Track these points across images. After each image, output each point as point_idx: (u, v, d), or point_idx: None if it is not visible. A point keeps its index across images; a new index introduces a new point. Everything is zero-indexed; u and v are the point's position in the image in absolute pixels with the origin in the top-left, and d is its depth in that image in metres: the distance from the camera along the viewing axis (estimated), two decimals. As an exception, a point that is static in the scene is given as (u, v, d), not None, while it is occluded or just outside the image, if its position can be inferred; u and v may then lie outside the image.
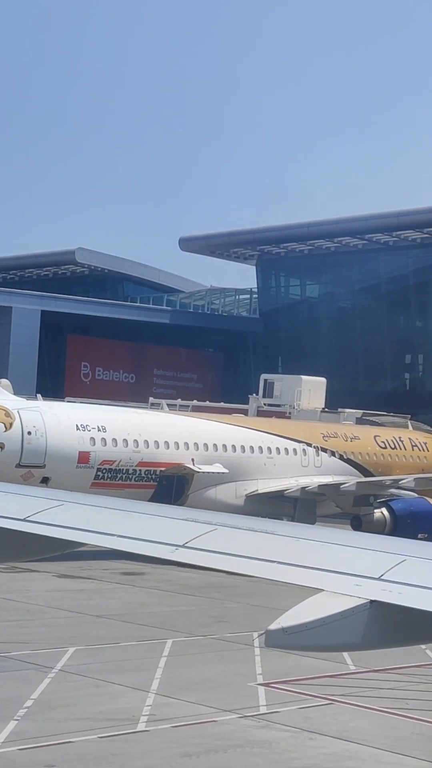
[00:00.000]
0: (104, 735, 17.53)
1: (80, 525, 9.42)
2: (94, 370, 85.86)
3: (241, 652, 25.17)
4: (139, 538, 9.12)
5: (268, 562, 8.48)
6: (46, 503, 9.93)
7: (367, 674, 23.10)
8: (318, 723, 19.01)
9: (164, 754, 16.71)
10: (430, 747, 17.94)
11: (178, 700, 20.11)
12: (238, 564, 8.59)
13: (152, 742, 17.32)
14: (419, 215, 77.76)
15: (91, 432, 42.34)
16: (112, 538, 9.17)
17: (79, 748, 16.83)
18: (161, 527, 9.50)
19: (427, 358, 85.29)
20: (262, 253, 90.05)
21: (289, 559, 8.50)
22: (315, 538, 9.17)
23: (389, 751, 17.60)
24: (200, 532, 8.97)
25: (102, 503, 10.33)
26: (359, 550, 8.91)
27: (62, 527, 9.40)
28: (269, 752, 17.17)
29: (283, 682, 22.02)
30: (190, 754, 16.76)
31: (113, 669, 22.44)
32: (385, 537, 10.67)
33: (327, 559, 8.47)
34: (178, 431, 45.42)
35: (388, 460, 52.09)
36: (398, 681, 22.75)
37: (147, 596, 33.51)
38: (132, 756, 16.56)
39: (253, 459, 47.00)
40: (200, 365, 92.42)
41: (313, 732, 18.41)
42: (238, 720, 18.95)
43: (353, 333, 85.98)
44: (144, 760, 16.41)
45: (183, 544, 8.81)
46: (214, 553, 8.66)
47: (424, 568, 8.33)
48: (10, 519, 9.58)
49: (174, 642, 25.78)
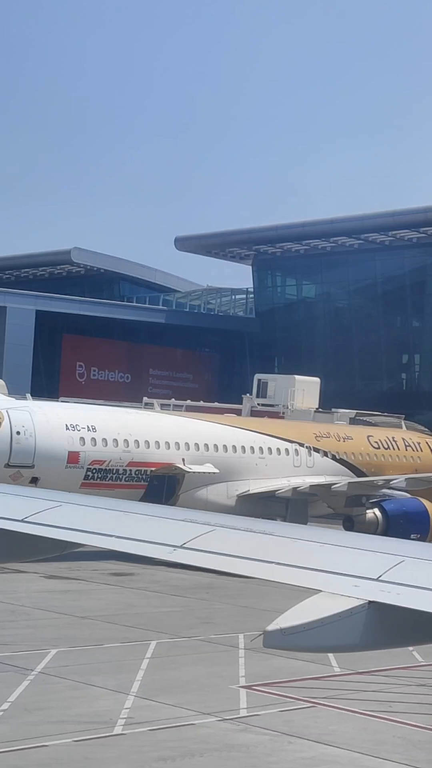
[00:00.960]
0: (80, 739, 17.26)
1: (78, 526, 9.46)
2: (90, 370, 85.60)
3: (226, 654, 24.91)
4: (137, 538, 9.15)
5: (266, 563, 8.50)
6: (44, 504, 9.95)
7: (352, 676, 22.84)
8: (298, 726, 18.75)
9: (139, 758, 16.44)
10: (410, 751, 17.68)
11: (157, 702, 19.84)
12: (237, 565, 8.61)
13: (128, 746, 17.05)
14: (415, 215, 77.52)
15: (80, 432, 42.04)
16: (111, 539, 9.19)
17: (52, 752, 16.56)
18: (159, 528, 9.53)
19: (423, 358, 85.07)
20: (258, 253, 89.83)
21: (287, 559, 8.53)
22: (313, 539, 9.18)
23: (369, 755, 17.34)
24: (198, 533, 8.99)
25: (100, 504, 10.36)
26: (357, 551, 8.90)
27: (60, 528, 9.43)
28: (246, 756, 16.91)
29: (265, 685, 21.76)
30: (166, 758, 16.49)
31: (94, 671, 22.17)
32: (383, 538, 10.63)
33: (325, 560, 8.49)
34: (168, 431, 45.13)
35: (381, 460, 51.80)
36: (383, 683, 22.49)
37: (135, 597, 33.25)
38: (105, 760, 16.29)
39: (244, 459, 46.72)
40: (196, 365, 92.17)
41: (292, 735, 18.14)
42: (217, 723, 18.68)
43: (349, 333, 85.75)
44: (117, 764, 16.14)
45: (181, 544, 8.82)
46: (212, 554, 8.68)
47: (423, 568, 8.31)
48: (8, 520, 9.60)
49: (158, 643, 25.52)
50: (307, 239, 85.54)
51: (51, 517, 9.58)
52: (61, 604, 30.76)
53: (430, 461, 54.11)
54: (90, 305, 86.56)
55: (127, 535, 9.21)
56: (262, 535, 9.20)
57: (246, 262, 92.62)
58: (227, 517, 10.10)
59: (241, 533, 9.24)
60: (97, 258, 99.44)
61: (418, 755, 17.44)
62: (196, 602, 32.71)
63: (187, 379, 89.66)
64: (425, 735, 18.65)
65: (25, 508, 9.77)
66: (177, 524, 9.52)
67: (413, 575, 8.06)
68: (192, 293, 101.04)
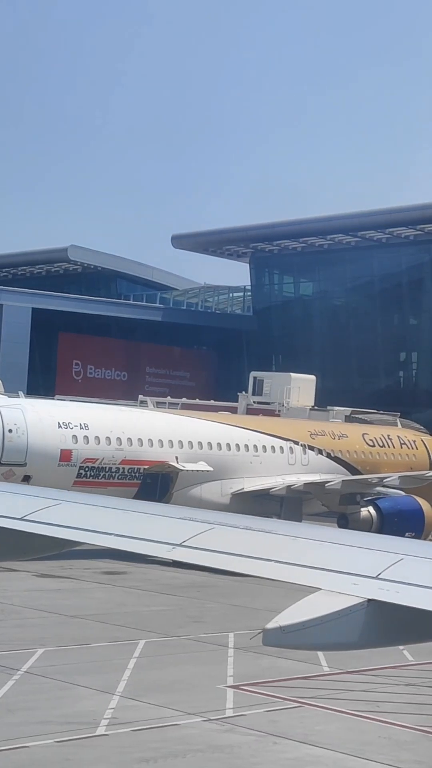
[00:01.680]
0: (62, 739, 17.08)
1: (77, 524, 9.48)
2: (86, 368, 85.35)
3: (215, 653, 24.74)
4: (136, 537, 9.18)
5: (265, 561, 8.52)
6: (44, 502, 9.97)
7: (341, 676, 22.67)
8: (284, 726, 18.57)
9: (120, 759, 16.26)
10: (396, 751, 17.50)
11: (142, 702, 19.67)
12: (236, 563, 8.61)
13: (109, 747, 16.87)
14: (412, 212, 77.28)
15: (73, 430, 41.88)
16: (110, 537, 9.21)
17: (33, 753, 16.38)
18: (158, 526, 9.54)
19: (421, 355, 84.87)
20: (255, 251, 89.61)
21: (286, 558, 8.54)
22: (312, 537, 9.20)
23: (354, 755, 17.16)
24: (197, 531, 9.00)
25: (99, 502, 10.39)
26: (357, 549, 8.90)
27: (60, 526, 9.45)
28: (229, 757, 16.72)
29: (253, 684, 21.58)
30: (147, 759, 16.31)
31: (80, 671, 21.99)
32: (382, 536, 10.66)
33: (324, 558, 8.51)
34: (162, 429, 44.97)
35: (376, 458, 51.66)
36: (372, 683, 22.32)
37: (126, 596, 33.08)
38: (86, 761, 16.11)
39: (238, 457, 46.56)
40: (193, 363, 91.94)
41: (277, 736, 17.96)
42: (202, 723, 18.50)
43: (347, 331, 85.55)
44: (98, 765, 15.96)
45: (180, 543, 8.83)
46: (211, 552, 8.70)
47: (422, 567, 8.31)
48: (7, 518, 9.62)
49: (147, 643, 25.34)
50: (304, 237, 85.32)
51: (50, 515, 9.62)
52: (51, 602, 30.59)
53: (425, 459, 54.00)
54: (86, 303, 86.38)
55: (126, 533, 9.25)
56: (262, 533, 9.24)
57: (243, 259, 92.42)
58: (226, 515, 10.15)
59: (240, 531, 9.27)
60: (94, 256, 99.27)
61: (404, 755, 17.26)
62: (187, 601, 32.55)
63: (184, 377, 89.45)
64: (412, 735, 18.48)
65: (23, 507, 9.80)
66: (176, 522, 9.55)
67: (413, 573, 8.07)
68: (189, 291, 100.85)
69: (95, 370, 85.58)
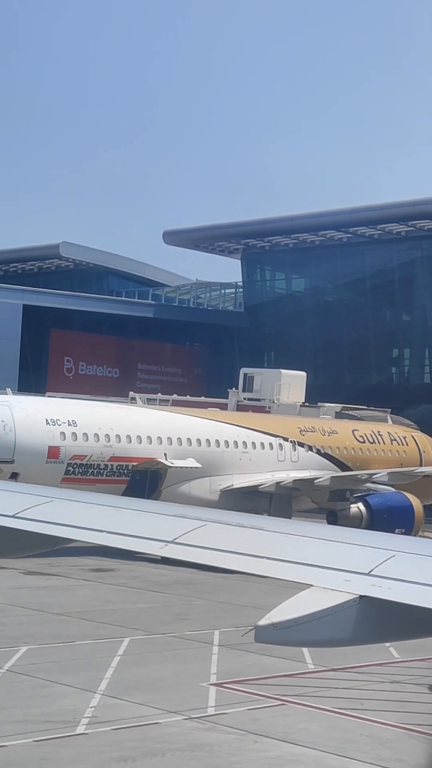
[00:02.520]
0: (40, 738, 16.95)
1: (70, 521, 9.52)
2: (78, 365, 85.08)
3: (199, 651, 24.63)
4: (128, 534, 9.21)
5: (257, 558, 8.55)
6: (36, 500, 10.01)
7: (326, 673, 22.56)
8: (265, 725, 18.45)
9: (98, 758, 16.13)
10: (378, 749, 17.38)
11: (124, 701, 19.55)
12: (228, 560, 8.63)
13: (88, 746, 16.74)
14: (403, 208, 77.11)
15: (61, 426, 41.73)
16: (102, 534, 9.23)
17: (11, 752, 16.24)
18: (151, 523, 9.56)
19: (413, 352, 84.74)
20: (247, 247, 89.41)
21: (278, 554, 8.57)
22: (304, 534, 9.23)
23: (335, 754, 17.04)
24: (190, 528, 9.04)
25: (91, 500, 10.44)
26: (349, 545, 8.92)
27: (52, 524, 9.48)
28: (209, 756, 16.60)
29: (236, 682, 21.46)
30: (126, 758, 16.19)
31: (63, 669, 21.87)
32: (374, 532, 10.66)
33: (317, 555, 8.53)
34: (150, 425, 44.84)
35: (366, 454, 51.56)
36: (356, 680, 22.22)
37: (112, 593, 32.96)
38: (64, 761, 15.98)
39: (228, 454, 46.44)
40: (185, 360, 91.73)
41: (258, 734, 17.85)
42: (183, 722, 18.38)
43: (338, 327, 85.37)
44: (76, 764, 15.83)
45: (173, 540, 8.87)
46: (203, 549, 8.74)
47: (414, 563, 8.34)
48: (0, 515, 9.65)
49: (131, 640, 25.23)
50: (295, 233, 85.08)
51: (42, 512, 9.64)
52: (37, 600, 30.47)
53: (415, 455, 53.91)
54: (78, 300, 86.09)
55: (119, 531, 9.27)
56: (254, 530, 9.27)
57: (235, 256, 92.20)
58: (218, 512, 10.21)
59: (233, 528, 9.29)
60: (86, 252, 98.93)
61: (385, 753, 17.15)
62: (174, 598, 32.45)
63: (175, 374, 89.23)
64: (394, 733, 18.37)
65: (16, 504, 9.83)
66: (168, 519, 9.59)
67: (405, 569, 8.08)
68: (181, 287, 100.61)
69: (87, 367, 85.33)
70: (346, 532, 10.28)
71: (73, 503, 10.32)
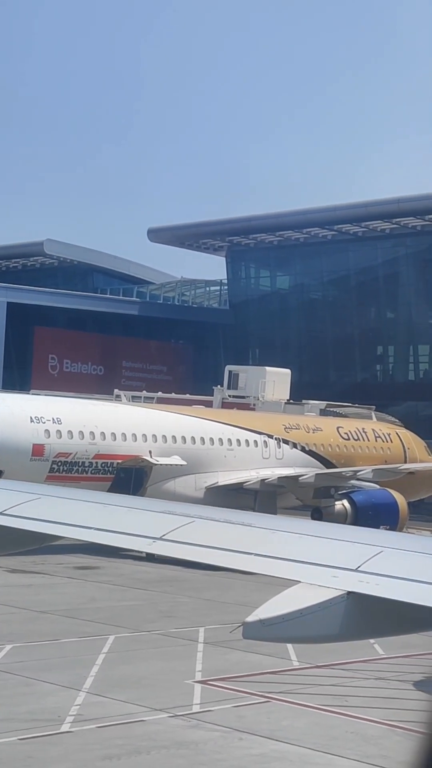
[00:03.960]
0: (25, 737, 16.93)
1: (57, 518, 9.51)
2: (62, 362, 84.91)
3: (184, 648, 24.63)
4: (116, 530, 9.20)
5: (245, 554, 8.55)
6: (24, 497, 9.99)
7: (310, 670, 22.59)
8: (250, 722, 18.47)
9: (84, 756, 16.12)
10: (362, 746, 17.42)
11: (109, 699, 19.54)
12: (215, 556, 8.64)
13: (73, 744, 16.73)
14: (388, 206, 77.16)
15: (45, 424, 41.65)
16: (90, 531, 9.23)
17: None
18: (138, 520, 9.57)
19: (397, 349, 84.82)
20: (232, 244, 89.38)
21: (266, 551, 8.59)
22: (292, 530, 9.21)
23: (320, 751, 17.07)
24: (177, 525, 9.05)
25: (79, 496, 10.45)
26: (336, 541, 8.92)
27: (40, 521, 9.46)
28: (194, 753, 16.60)
29: (221, 680, 21.47)
30: (111, 756, 16.18)
31: (48, 667, 21.84)
32: (362, 528, 10.68)
33: (304, 551, 8.53)
34: (135, 423, 44.79)
35: (350, 451, 51.61)
36: (341, 677, 22.26)
37: (97, 591, 32.93)
38: (49, 759, 15.97)
39: (212, 451, 46.42)
40: (170, 357, 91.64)
41: (243, 732, 17.86)
42: (168, 719, 18.38)
43: (323, 324, 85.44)
44: (61, 763, 15.81)
45: (160, 536, 8.86)
46: (191, 546, 8.74)
47: (401, 559, 8.35)
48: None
49: (116, 638, 25.23)
50: (280, 230, 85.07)
51: (30, 509, 9.62)
52: (21, 598, 30.41)
53: (400, 452, 54.00)
54: (62, 297, 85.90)
55: (106, 527, 9.25)
56: (241, 526, 9.27)
57: (220, 253, 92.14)
58: (206, 508, 10.17)
59: (220, 525, 9.29)
60: (70, 250, 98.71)
61: (370, 750, 17.19)
62: (159, 595, 32.43)
63: (161, 371, 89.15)
64: (379, 730, 18.40)
65: (3, 501, 9.79)
66: (156, 516, 9.58)
67: (392, 565, 8.08)
68: (166, 285, 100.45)
69: (71, 365, 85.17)
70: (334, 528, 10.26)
71: (60, 500, 10.28)
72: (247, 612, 7.80)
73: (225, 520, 9.39)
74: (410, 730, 18.35)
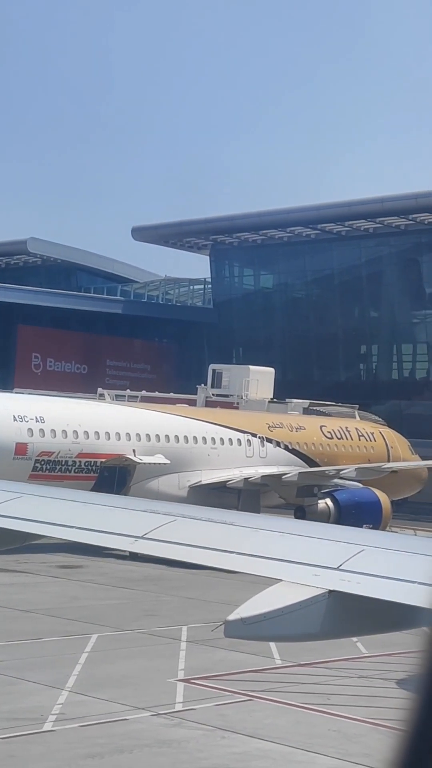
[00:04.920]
0: (7, 736, 16.90)
1: (39, 517, 9.48)
2: (46, 361, 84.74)
3: (167, 646, 24.63)
4: (98, 529, 9.18)
5: (227, 553, 8.56)
6: (5, 495, 9.96)
7: (293, 669, 22.61)
8: (233, 720, 18.47)
9: (66, 755, 16.11)
10: (345, 744, 17.44)
11: (91, 697, 19.53)
12: (198, 555, 8.66)
13: (56, 743, 16.71)
14: (370, 205, 77.31)
15: (28, 423, 41.56)
16: (72, 530, 9.22)
17: (-23, 750, 16.18)
18: (121, 519, 9.56)
19: (380, 348, 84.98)
20: (215, 243, 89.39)
21: (248, 549, 8.60)
22: (274, 529, 9.23)
23: (302, 749, 17.08)
24: (160, 523, 9.04)
25: (61, 495, 10.41)
26: (318, 540, 8.94)
27: (22, 519, 9.43)
28: (176, 752, 16.60)
29: (204, 678, 21.48)
30: (94, 755, 16.17)
31: (30, 666, 21.81)
32: (343, 527, 10.68)
33: (286, 550, 8.54)
34: (119, 422, 44.75)
35: (334, 450, 51.67)
36: (324, 675, 22.28)
37: (81, 590, 32.89)
38: (32, 758, 15.94)
39: (196, 450, 46.41)
40: (154, 356, 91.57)
41: (226, 730, 17.86)
42: (150, 718, 18.38)
43: (307, 323, 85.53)
44: (44, 762, 15.79)
45: (142, 535, 8.85)
46: (173, 544, 8.75)
47: (383, 557, 8.38)
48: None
49: (99, 637, 25.20)
50: (263, 229, 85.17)
51: (11, 508, 9.59)
52: (4, 597, 30.35)
53: (383, 451, 54.07)
54: (46, 296, 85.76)
55: (89, 526, 9.23)
56: (224, 525, 9.27)
57: (204, 252, 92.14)
58: (188, 507, 10.41)
59: (202, 523, 9.29)
60: (54, 248, 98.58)
61: (352, 749, 17.21)
62: (142, 594, 32.41)
63: (144, 370, 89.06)
64: (361, 728, 18.43)
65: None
66: (138, 515, 9.57)
67: (374, 564, 8.12)
68: (150, 284, 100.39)
69: (55, 363, 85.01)
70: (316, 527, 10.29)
71: (43, 499, 10.25)
72: (231, 611, 7.81)
73: (207, 518, 9.40)
74: (393, 729, 18.38)
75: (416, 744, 3.55)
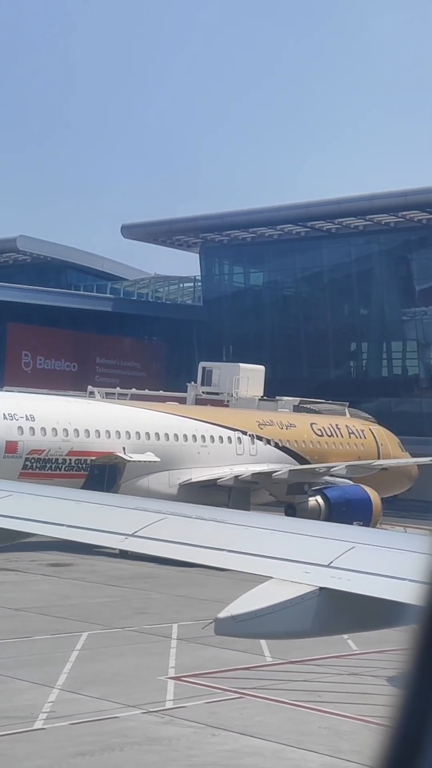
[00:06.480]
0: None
1: (30, 515, 9.46)
2: (36, 359, 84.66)
3: (158, 644, 24.63)
4: (89, 527, 9.19)
5: (217, 551, 8.56)
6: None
7: (284, 666, 22.63)
8: (223, 718, 18.48)
9: (56, 753, 16.09)
10: (335, 741, 17.46)
11: (82, 695, 19.52)
12: (188, 552, 8.67)
13: (46, 741, 16.70)
14: (360, 202, 77.32)
15: (18, 421, 41.53)
16: (62, 528, 9.22)
17: (-32, 748, 16.16)
18: (111, 517, 9.54)
19: (370, 345, 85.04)
20: (205, 241, 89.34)
21: (238, 547, 8.59)
22: (264, 526, 9.26)
23: (293, 746, 17.09)
24: (150, 521, 9.02)
25: (51, 493, 10.42)
26: (309, 537, 8.93)
27: (11, 518, 9.42)
28: (167, 750, 16.60)
29: (194, 676, 21.48)
30: (84, 752, 16.16)
31: (20, 664, 21.79)
32: (334, 524, 10.67)
33: (276, 547, 8.55)
34: (109, 420, 44.74)
35: (324, 447, 51.72)
36: (314, 672, 22.29)
37: (71, 588, 32.87)
38: (22, 756, 15.93)
39: (186, 447, 46.42)
40: (144, 354, 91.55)
41: (216, 728, 17.87)
42: (141, 716, 18.38)
43: (297, 321, 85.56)
44: (34, 760, 15.77)
45: (133, 533, 8.85)
46: (163, 542, 8.74)
47: (373, 555, 8.39)
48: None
49: (90, 635, 25.19)
50: (253, 227, 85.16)
51: (1, 506, 9.59)
52: (-6, 596, 30.33)
53: (373, 448, 54.14)
54: (36, 293, 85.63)
55: (79, 524, 9.26)
56: (214, 522, 9.27)
57: (193, 249, 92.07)
58: (178, 505, 10.31)
59: (193, 521, 9.30)
60: (44, 246, 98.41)
61: (343, 745, 17.22)
62: (132, 592, 32.40)
63: (134, 368, 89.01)
64: (352, 725, 18.45)
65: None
66: (128, 513, 9.57)
67: (364, 561, 8.12)
68: (140, 281, 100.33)
69: (45, 361, 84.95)
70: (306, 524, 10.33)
71: (33, 497, 10.25)
72: (221, 608, 7.81)
73: (197, 516, 9.40)
74: (383, 726, 18.37)
75: (403, 741, 3.56)
